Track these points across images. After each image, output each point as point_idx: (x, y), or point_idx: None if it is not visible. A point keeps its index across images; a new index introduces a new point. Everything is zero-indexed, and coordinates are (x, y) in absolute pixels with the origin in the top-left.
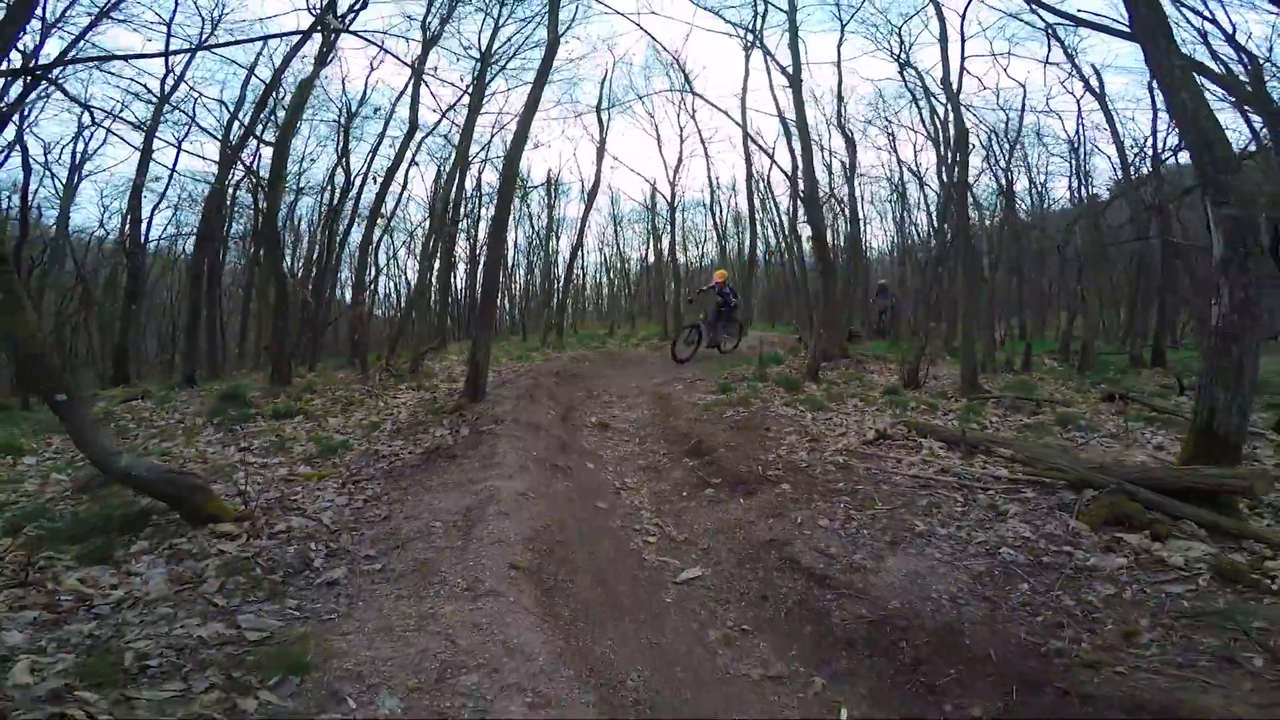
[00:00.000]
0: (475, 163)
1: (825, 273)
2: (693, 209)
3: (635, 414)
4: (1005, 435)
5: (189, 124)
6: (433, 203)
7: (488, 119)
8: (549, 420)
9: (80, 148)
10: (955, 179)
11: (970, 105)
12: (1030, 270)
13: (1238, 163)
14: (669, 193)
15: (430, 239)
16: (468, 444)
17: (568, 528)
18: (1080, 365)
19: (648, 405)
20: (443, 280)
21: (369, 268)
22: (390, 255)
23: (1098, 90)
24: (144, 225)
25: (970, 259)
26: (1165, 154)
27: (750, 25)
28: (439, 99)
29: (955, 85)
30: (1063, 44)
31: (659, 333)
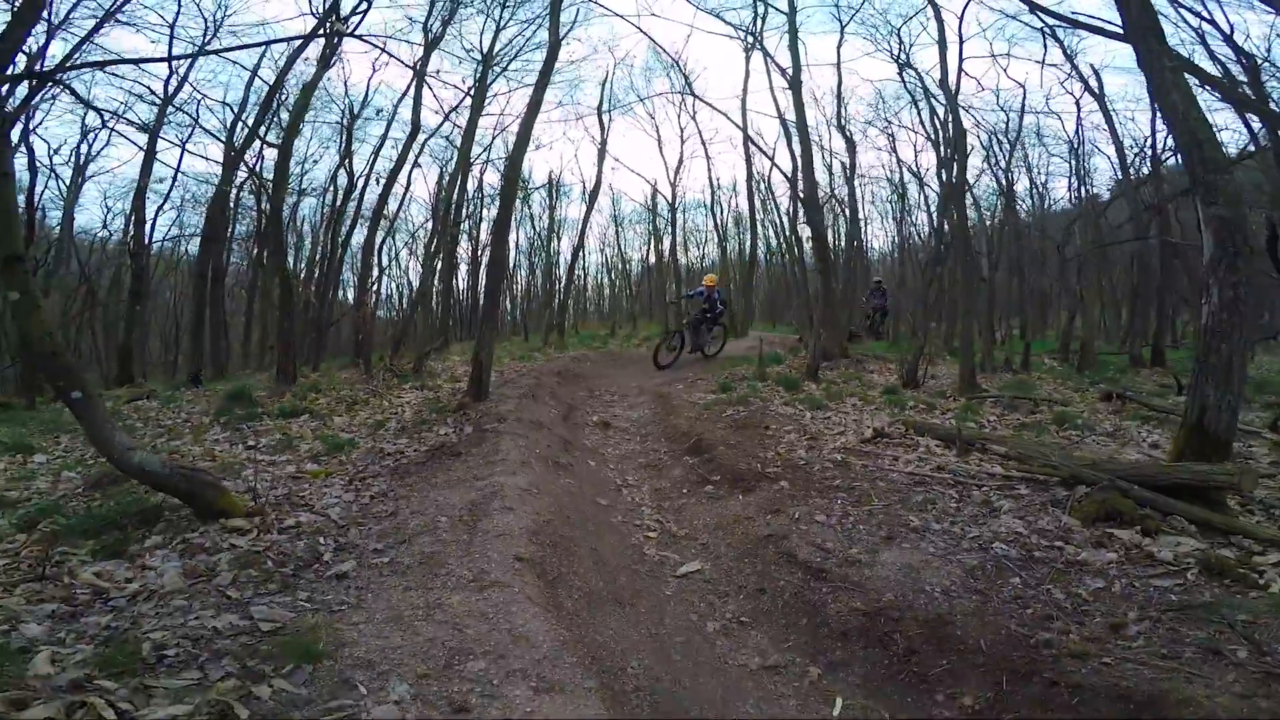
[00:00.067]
0: (477, 164)
1: (825, 273)
2: (694, 209)
3: (636, 413)
4: (1001, 434)
5: (192, 126)
6: (435, 204)
7: (489, 120)
8: (551, 419)
9: (84, 149)
10: (954, 180)
11: (971, 106)
12: (1031, 270)
13: (1227, 163)
14: (670, 193)
15: (433, 240)
16: (471, 442)
17: (570, 522)
18: (1079, 365)
19: (648, 404)
20: (445, 281)
21: (372, 269)
22: (392, 256)
23: (1097, 91)
24: (148, 226)
25: (968, 260)
26: (1165, 154)
27: (750, 27)
28: (441, 101)
29: (954, 87)
30: (1061, 45)
31: (660, 333)
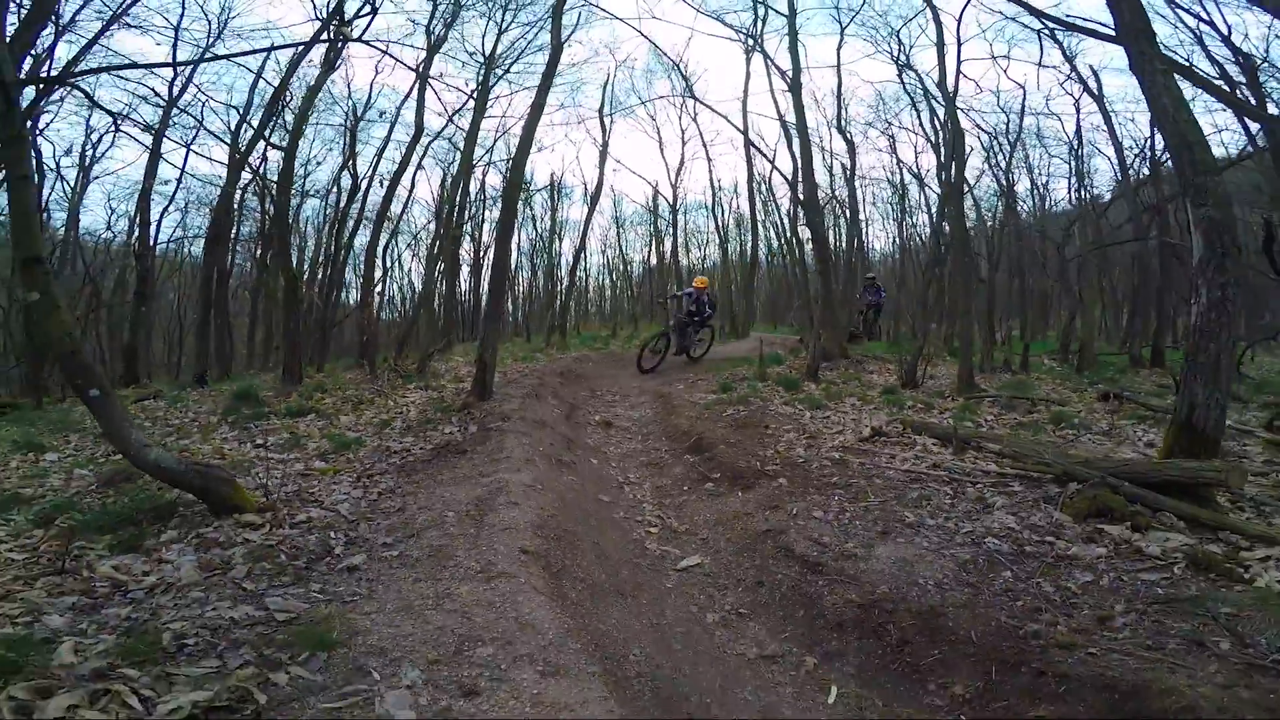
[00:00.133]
0: (479, 166)
1: (825, 274)
2: (695, 211)
3: (638, 412)
4: (997, 432)
5: (197, 128)
6: (439, 206)
7: (491, 123)
8: (554, 418)
9: (88, 151)
10: (952, 182)
11: (971, 108)
12: (1031, 271)
13: (1217, 165)
14: (671, 195)
15: (437, 243)
16: (476, 440)
17: (574, 517)
18: (1079, 365)
19: (650, 404)
20: (449, 283)
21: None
22: (395, 258)
23: (1096, 92)
24: (153, 228)
25: (966, 261)
26: (1164, 155)
27: (750, 30)
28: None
29: (952, 89)
30: (1061, 46)
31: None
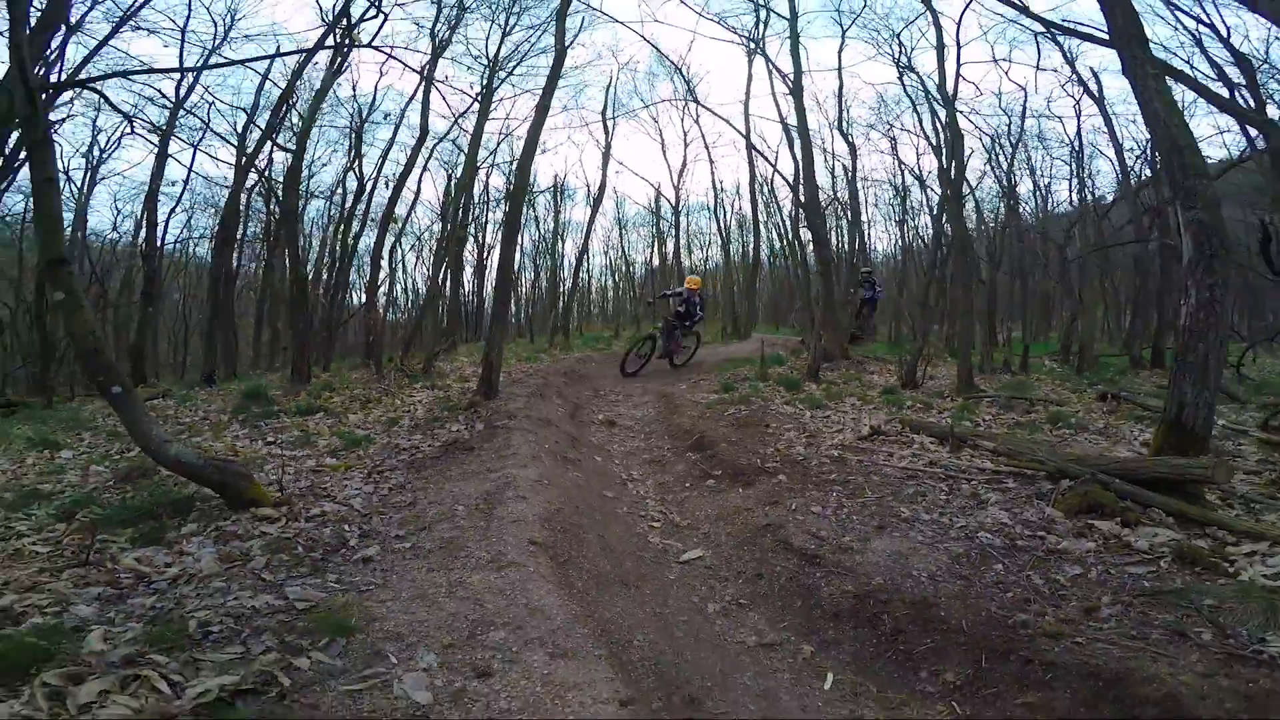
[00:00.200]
0: (483, 167)
1: (826, 276)
2: (697, 212)
3: (640, 412)
4: (995, 432)
5: (204, 129)
6: (444, 208)
7: (494, 125)
8: (559, 417)
9: (95, 152)
10: (951, 184)
11: (974, 110)
12: (1034, 272)
13: (1206, 169)
14: (673, 196)
15: (442, 244)
16: (483, 437)
17: (579, 511)
18: (1079, 366)
19: (652, 404)
20: (453, 284)
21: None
22: (399, 259)
23: (1096, 94)
24: (160, 228)
25: (965, 264)
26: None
27: (752, 33)
28: (451, 106)
29: (952, 92)
30: (1061, 48)
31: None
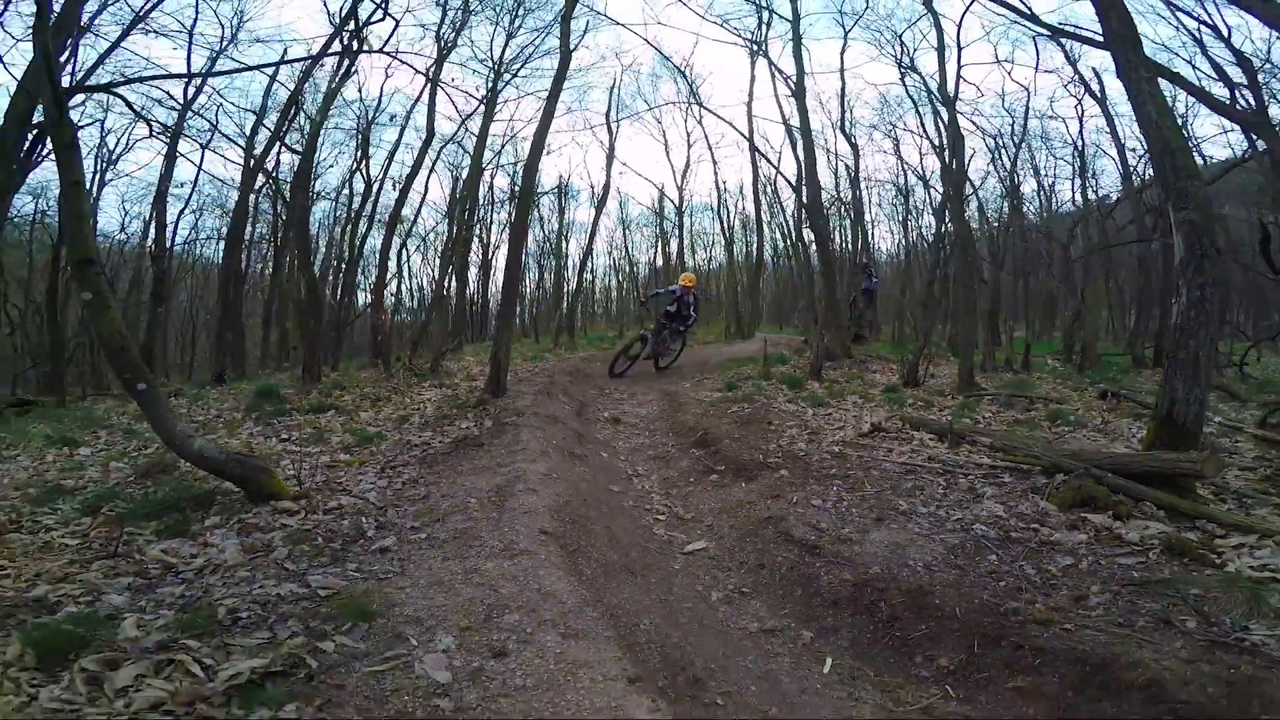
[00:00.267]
0: (488, 169)
1: (828, 275)
2: (700, 212)
3: (645, 410)
4: (994, 428)
5: (211, 131)
6: (451, 210)
7: (499, 126)
8: (565, 414)
9: (104, 153)
10: (951, 185)
11: (977, 110)
12: (1038, 272)
13: (1197, 170)
14: (677, 197)
15: (450, 246)
16: (492, 434)
17: (587, 504)
18: (1081, 365)
19: (656, 402)
20: (460, 284)
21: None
22: (404, 260)
23: (1098, 94)
24: (169, 229)
25: (965, 264)
26: None
27: (754, 35)
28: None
29: (952, 94)
30: (1063, 48)
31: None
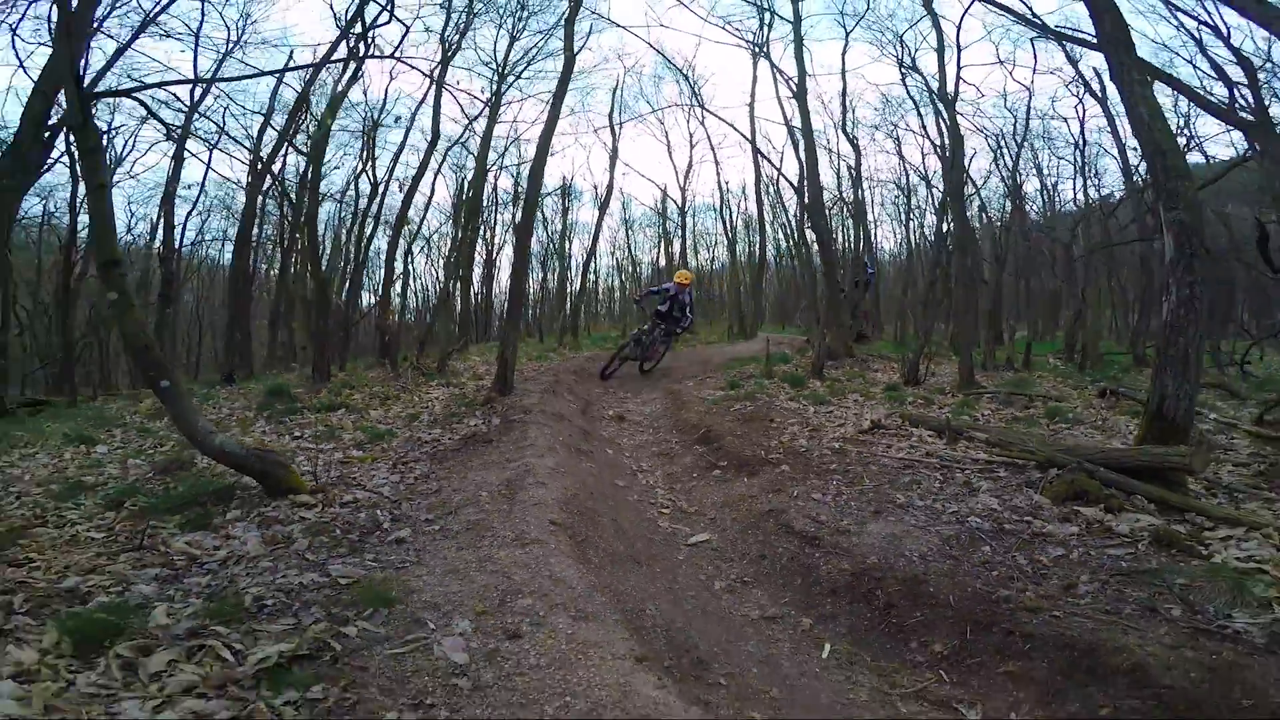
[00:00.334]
0: (491, 170)
1: (829, 276)
2: (703, 213)
3: (649, 408)
4: (993, 425)
5: (219, 133)
6: (456, 212)
7: (502, 128)
8: (571, 412)
9: (110, 154)
10: (951, 185)
11: (978, 110)
12: (1041, 271)
13: (1188, 171)
14: (680, 197)
15: (455, 247)
16: (500, 431)
17: (594, 498)
18: (1082, 364)
19: (660, 400)
20: (464, 285)
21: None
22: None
23: (1099, 94)
24: (178, 231)
25: (966, 263)
26: None
27: (756, 37)
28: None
29: (952, 95)
30: (1064, 48)
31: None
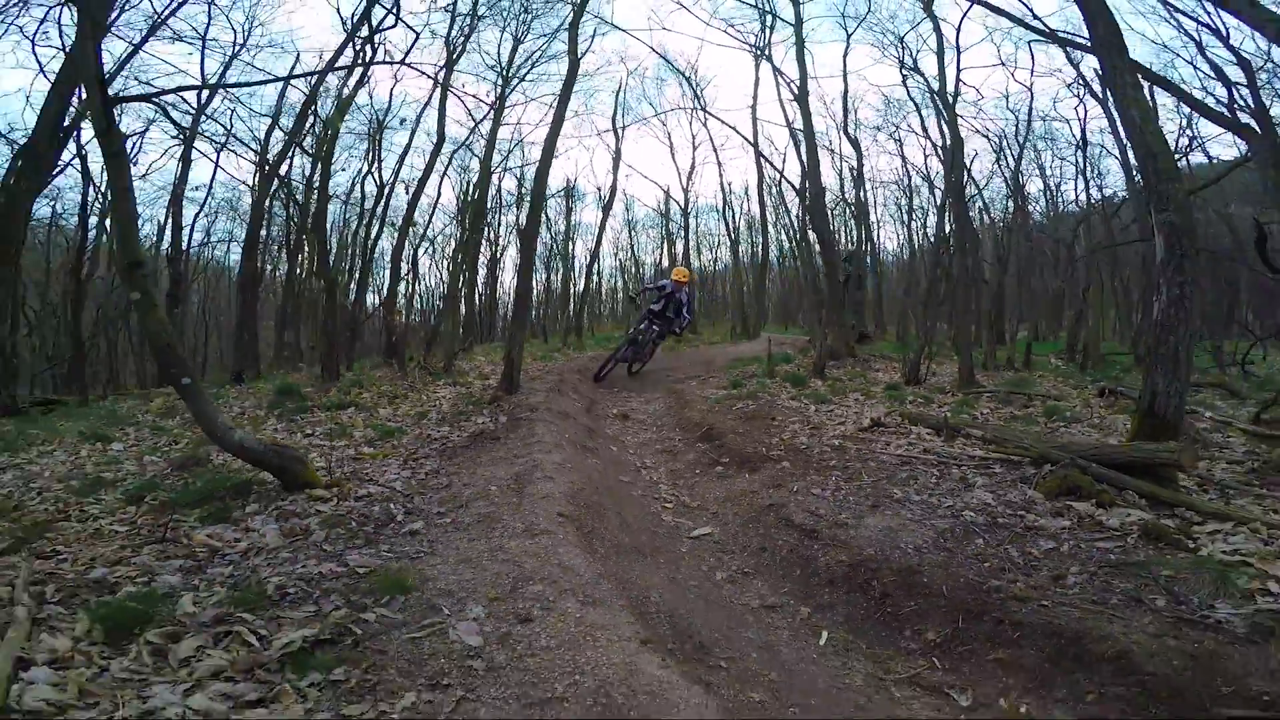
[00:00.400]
0: (495, 172)
1: (831, 277)
2: (706, 214)
3: (652, 406)
4: (993, 423)
5: (226, 135)
6: (462, 214)
7: (506, 130)
8: (576, 410)
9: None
10: (950, 187)
11: (980, 111)
12: (1044, 272)
13: (1179, 173)
14: (682, 198)
15: (460, 249)
16: (508, 428)
17: (599, 493)
18: (1083, 364)
19: (663, 399)
20: (469, 286)
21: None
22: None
23: (1100, 95)
24: (185, 232)
25: (965, 264)
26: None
27: (758, 40)
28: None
29: (952, 96)
30: (1065, 50)
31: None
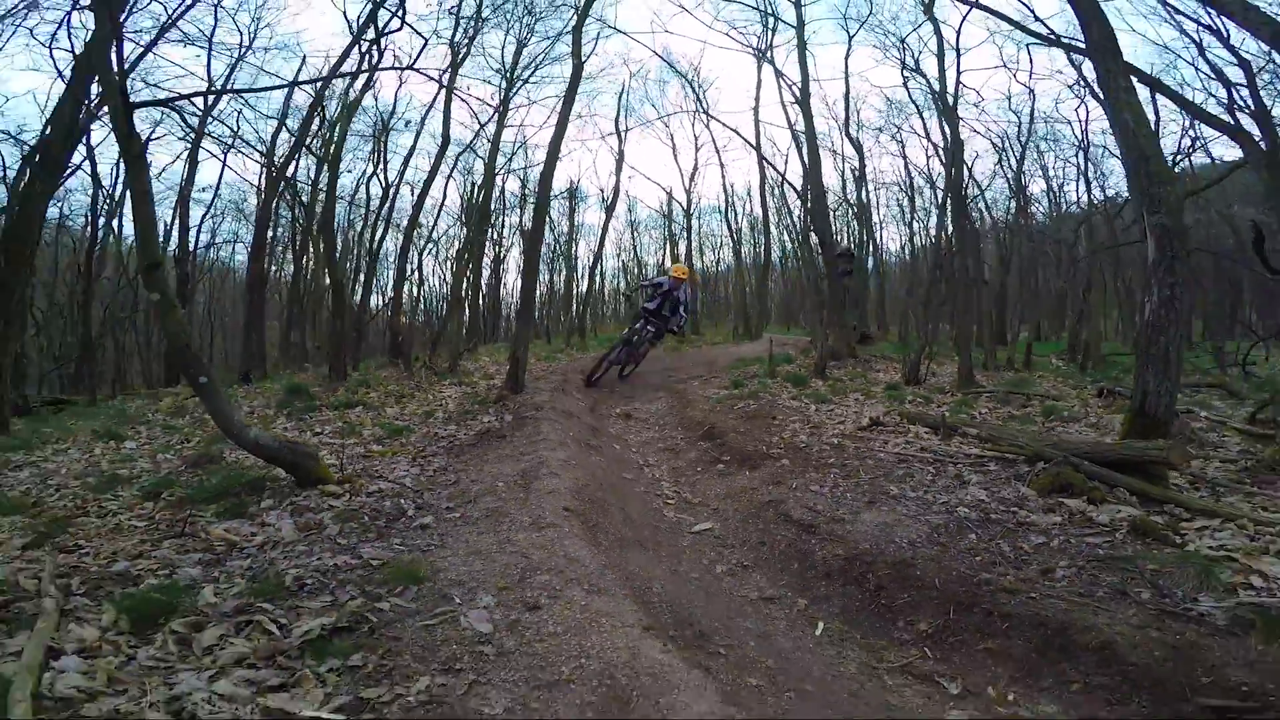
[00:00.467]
0: (499, 173)
1: (831, 278)
2: (709, 215)
3: (654, 406)
4: (992, 422)
5: (233, 137)
6: (467, 216)
7: (509, 132)
8: (580, 410)
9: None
10: (951, 188)
11: (982, 112)
12: (1046, 272)
13: (1171, 175)
14: (685, 199)
15: (465, 250)
16: (513, 426)
17: (603, 489)
18: (1083, 364)
19: (665, 399)
20: (474, 287)
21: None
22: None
23: (1100, 96)
24: (192, 233)
25: (965, 265)
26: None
27: (760, 43)
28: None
29: (952, 99)
30: (1067, 52)
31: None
